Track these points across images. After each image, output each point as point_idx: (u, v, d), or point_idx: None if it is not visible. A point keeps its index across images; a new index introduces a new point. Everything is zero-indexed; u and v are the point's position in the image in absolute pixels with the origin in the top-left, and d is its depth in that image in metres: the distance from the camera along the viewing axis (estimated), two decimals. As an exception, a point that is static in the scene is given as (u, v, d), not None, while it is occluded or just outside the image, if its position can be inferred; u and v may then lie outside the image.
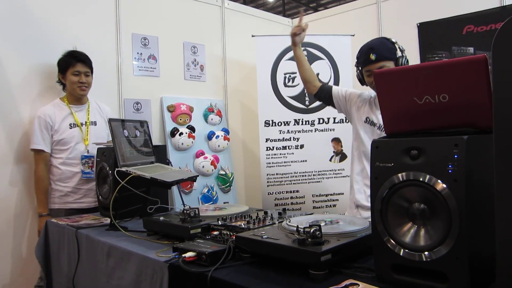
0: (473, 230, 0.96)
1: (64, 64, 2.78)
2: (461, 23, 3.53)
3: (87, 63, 2.81)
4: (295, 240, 1.23)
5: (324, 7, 12.99)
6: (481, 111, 1.03)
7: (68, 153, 2.74)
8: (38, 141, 2.70)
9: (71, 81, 2.76)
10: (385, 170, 1.09)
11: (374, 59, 2.09)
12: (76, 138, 2.76)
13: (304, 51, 3.79)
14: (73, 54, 2.81)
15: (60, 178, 2.75)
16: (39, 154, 2.73)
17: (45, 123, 2.70)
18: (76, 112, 2.82)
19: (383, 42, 2.15)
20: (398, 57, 2.09)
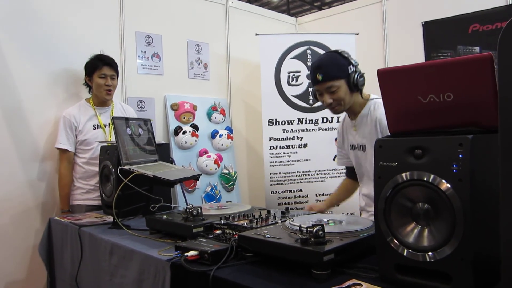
0: (478, 230, 0.95)
1: (91, 67, 2.84)
2: (467, 22, 3.50)
3: (113, 66, 2.88)
4: (298, 240, 1.23)
5: (328, 5, 12.94)
6: (486, 110, 1.02)
7: (91, 153, 2.81)
8: (62, 141, 2.79)
9: (98, 84, 2.83)
10: (388, 170, 1.08)
11: (321, 79, 1.94)
12: (99, 139, 2.81)
13: (308, 49, 3.79)
14: (100, 57, 2.87)
15: (83, 176, 2.84)
16: (64, 153, 2.82)
17: (70, 123, 2.79)
18: (100, 114, 2.89)
19: (333, 58, 1.97)
20: (350, 73, 1.93)
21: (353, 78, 1.94)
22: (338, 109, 2.02)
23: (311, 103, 3.79)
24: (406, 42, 3.87)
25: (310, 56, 3.80)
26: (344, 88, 1.95)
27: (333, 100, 1.97)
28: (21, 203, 2.83)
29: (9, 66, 2.78)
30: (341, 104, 1.98)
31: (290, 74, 3.79)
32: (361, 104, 2.06)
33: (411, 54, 3.79)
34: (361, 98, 2.06)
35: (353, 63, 1.96)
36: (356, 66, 1.98)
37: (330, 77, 1.93)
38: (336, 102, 1.97)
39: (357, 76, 1.95)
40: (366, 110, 2.04)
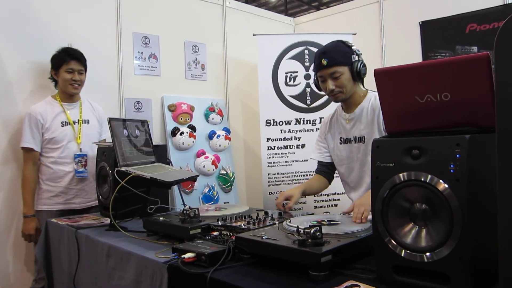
0: (476, 230, 0.95)
1: (57, 61, 2.70)
2: (464, 21, 3.50)
3: (81, 60, 2.74)
4: (295, 241, 1.22)
5: (326, 5, 12.95)
6: (483, 110, 1.01)
7: (60, 152, 2.66)
8: (28, 140, 2.61)
9: (64, 79, 2.69)
10: (386, 170, 1.07)
11: (326, 64, 1.96)
12: (68, 137, 2.68)
13: (305, 50, 3.79)
14: (67, 51, 2.73)
15: (51, 177, 2.67)
16: (29, 152, 2.64)
17: (36, 121, 2.62)
18: (68, 110, 2.74)
19: (338, 46, 2.02)
20: (353, 62, 1.97)
21: (356, 66, 1.97)
22: (340, 96, 2.03)
23: (308, 103, 3.78)
24: (404, 42, 3.87)
25: (308, 56, 3.79)
26: (347, 75, 1.98)
27: (335, 87, 1.99)
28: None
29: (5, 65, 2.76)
30: (343, 91, 2.00)
31: (288, 75, 3.78)
32: (361, 95, 2.07)
33: (408, 54, 3.79)
34: (363, 89, 2.08)
35: (356, 52, 2.00)
36: (359, 55, 2.01)
37: (335, 62, 1.96)
38: (338, 88, 1.99)
39: (360, 65, 1.98)
40: (367, 102, 2.04)
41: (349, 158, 2.12)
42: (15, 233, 2.76)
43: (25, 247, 2.79)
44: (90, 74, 2.93)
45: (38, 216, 2.64)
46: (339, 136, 2.16)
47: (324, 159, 2.27)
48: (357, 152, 2.08)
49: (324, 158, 2.27)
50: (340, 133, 2.16)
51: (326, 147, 2.25)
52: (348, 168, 2.15)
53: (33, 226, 2.60)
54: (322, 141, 2.28)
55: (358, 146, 2.07)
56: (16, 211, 2.75)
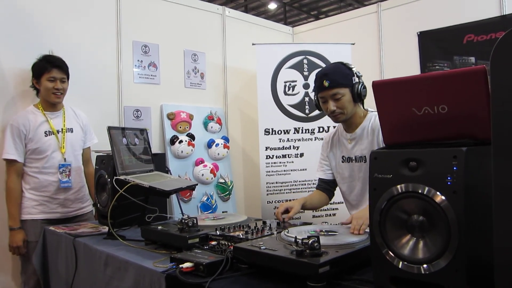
0: (473, 242, 0.95)
1: (39, 69, 2.63)
2: (462, 32, 3.53)
3: (63, 68, 2.67)
4: (293, 251, 1.23)
5: (325, 14, 13.04)
6: (480, 122, 1.02)
7: (44, 162, 2.60)
8: (10, 151, 2.54)
9: (46, 87, 2.61)
10: (383, 182, 1.08)
11: (327, 86, 2.00)
12: (52, 147, 2.62)
13: (304, 59, 3.81)
14: (48, 59, 2.67)
15: (35, 187, 2.61)
16: (11, 164, 2.57)
17: (18, 131, 2.55)
18: (51, 119, 2.66)
19: (339, 68, 2.06)
20: (354, 83, 2.01)
21: (357, 88, 2.01)
22: (340, 117, 2.06)
23: (307, 112, 3.80)
24: (402, 52, 3.90)
25: (307, 65, 3.81)
26: (348, 96, 2.01)
27: (336, 108, 2.02)
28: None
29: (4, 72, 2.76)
30: (343, 112, 2.03)
31: (287, 84, 3.80)
32: (361, 116, 2.10)
33: (406, 64, 3.81)
34: (363, 110, 2.11)
35: (357, 74, 2.03)
36: (359, 77, 2.04)
37: (336, 84, 2.00)
38: (339, 110, 2.03)
39: (360, 87, 2.01)
40: (367, 122, 2.08)
41: (351, 176, 2.16)
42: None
43: (11, 259, 2.72)
44: (90, 82, 2.94)
45: (23, 226, 2.58)
46: (341, 155, 2.20)
47: (326, 177, 2.31)
48: (358, 171, 2.11)
49: (326, 176, 2.31)
50: (341, 152, 2.20)
51: (328, 165, 2.29)
52: (349, 187, 2.19)
53: (20, 238, 2.54)
54: (324, 159, 2.32)
55: (359, 165, 2.10)
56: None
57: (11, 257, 2.71)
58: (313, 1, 12.55)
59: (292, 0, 12.37)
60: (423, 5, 3.79)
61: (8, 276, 2.77)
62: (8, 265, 2.75)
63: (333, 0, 12.34)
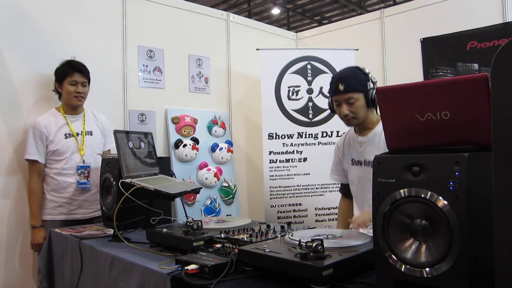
0: (475, 246, 0.97)
1: (61, 73, 2.75)
2: (465, 39, 3.55)
3: (84, 73, 2.79)
4: (297, 254, 1.24)
5: (328, 20, 13.07)
6: (482, 128, 1.04)
7: (63, 164, 2.70)
8: (32, 152, 2.66)
9: (68, 91, 2.73)
10: (387, 186, 1.10)
11: (343, 90, 2.03)
12: (71, 148, 2.72)
13: (308, 64, 3.83)
14: (70, 63, 2.79)
15: (55, 188, 2.71)
16: (33, 164, 2.69)
17: (40, 133, 2.66)
18: (71, 122, 2.78)
19: (355, 73, 2.08)
20: (368, 89, 2.04)
21: (371, 94, 2.04)
22: (353, 121, 2.10)
23: (310, 117, 3.82)
24: (405, 58, 3.92)
25: (310, 71, 3.84)
26: (361, 101, 2.04)
27: (349, 112, 2.05)
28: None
29: (11, 76, 2.80)
30: (356, 117, 2.06)
31: (290, 89, 3.82)
32: (374, 121, 2.12)
33: (409, 70, 3.83)
34: (376, 115, 2.13)
35: (372, 80, 2.06)
36: (374, 83, 2.07)
37: (351, 89, 2.03)
38: (352, 114, 2.06)
39: (374, 93, 2.03)
40: (379, 128, 2.07)
41: (360, 179, 2.17)
42: (22, 242, 2.80)
43: (32, 257, 2.82)
44: (96, 86, 2.97)
45: (43, 226, 2.69)
46: (351, 158, 2.22)
47: (344, 181, 2.35)
48: (368, 174, 2.10)
49: (344, 181, 2.35)
50: (352, 155, 2.22)
51: (344, 169, 2.32)
52: (357, 189, 2.20)
53: (42, 236, 2.64)
54: (338, 163, 2.35)
55: (369, 169, 2.10)
56: (23, 220, 2.79)
57: (32, 256, 2.80)
58: (316, 7, 12.59)
59: (295, 6, 12.41)
60: (426, 11, 3.82)
61: (30, 273, 2.85)
62: (29, 263, 2.84)
63: (336, 6, 12.38)
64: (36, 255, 2.72)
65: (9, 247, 2.76)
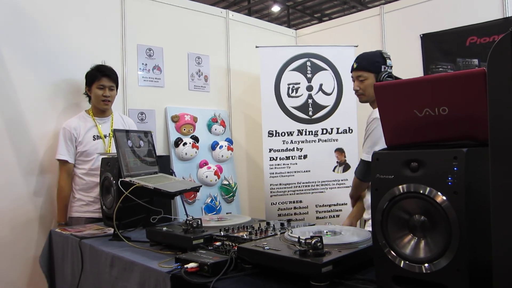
0: (473, 242, 0.97)
1: (90, 78, 2.87)
2: (465, 34, 3.54)
3: (112, 77, 2.89)
4: (297, 251, 1.24)
5: (328, 17, 13.05)
6: (480, 124, 1.03)
7: (91, 164, 2.81)
8: (62, 152, 2.78)
9: (96, 95, 2.85)
10: (385, 182, 1.09)
11: (355, 67, 2.29)
12: (99, 150, 2.82)
13: (307, 61, 3.83)
14: (99, 68, 2.89)
15: (83, 188, 2.82)
16: (63, 164, 2.81)
17: (70, 134, 2.78)
18: (100, 124, 2.90)
19: (372, 54, 2.30)
20: (382, 71, 2.23)
21: (382, 76, 2.22)
22: (361, 98, 2.32)
23: (310, 114, 3.82)
24: (405, 54, 3.91)
25: (310, 68, 3.83)
26: (371, 81, 2.24)
27: (359, 88, 2.28)
28: (21, 214, 2.82)
29: (11, 77, 2.80)
30: (364, 94, 2.28)
31: (290, 86, 3.82)
32: None
33: (409, 66, 3.82)
34: None
35: (387, 64, 2.25)
36: (389, 67, 2.26)
37: (362, 67, 2.27)
38: (361, 90, 2.28)
39: (385, 76, 2.22)
40: None
41: None
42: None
43: None
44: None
45: (69, 222, 2.80)
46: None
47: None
48: None
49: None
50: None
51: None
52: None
53: None
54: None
55: None
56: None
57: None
58: (316, 4, 12.58)
59: (295, 3, 12.39)
60: (426, 7, 3.81)
61: None
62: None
63: (336, 3, 12.36)
64: None
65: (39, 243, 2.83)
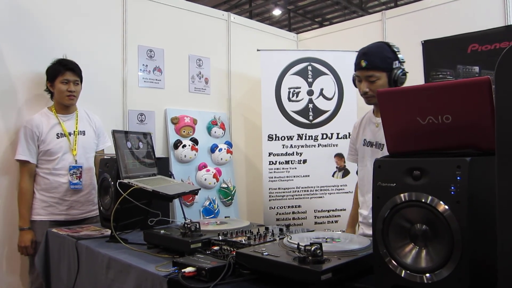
0: (476, 252, 0.96)
1: (53, 72, 2.70)
2: (466, 41, 3.54)
3: (76, 71, 2.74)
4: (296, 258, 1.23)
5: (329, 22, 13.07)
6: (484, 132, 1.02)
7: (55, 164, 2.65)
8: (23, 152, 2.61)
9: (60, 90, 2.68)
10: (387, 190, 1.08)
11: (364, 66, 1.93)
12: (63, 148, 2.67)
13: (308, 66, 3.82)
14: (62, 62, 2.74)
15: (46, 188, 2.66)
16: (24, 165, 2.64)
17: (32, 133, 2.62)
18: (64, 122, 2.73)
19: (381, 48, 1.97)
20: (393, 68, 1.92)
21: (395, 74, 1.92)
22: (372, 100, 2.00)
23: (311, 119, 3.81)
24: (406, 60, 3.88)
25: (311, 72, 3.83)
26: (383, 81, 1.94)
27: (369, 90, 1.95)
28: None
29: (10, 76, 2.78)
30: (374, 96, 1.94)
31: (291, 90, 3.81)
32: None
33: (410, 73, 3.76)
34: None
35: (399, 59, 1.95)
36: (402, 62, 1.96)
37: (373, 66, 1.92)
38: (371, 92, 1.95)
39: (399, 73, 1.92)
40: None
41: (367, 161, 2.09)
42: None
43: (20, 259, 2.75)
44: (95, 85, 2.97)
45: (32, 227, 2.63)
46: (364, 138, 2.14)
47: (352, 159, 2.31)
48: (375, 156, 2.01)
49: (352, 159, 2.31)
50: (365, 135, 2.14)
51: (356, 148, 2.24)
52: (362, 171, 2.14)
53: (29, 238, 2.59)
54: (353, 142, 2.27)
55: (379, 152, 2.02)
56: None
57: (20, 257, 2.74)
58: (317, 8, 12.59)
59: (297, 7, 12.41)
60: (428, 14, 3.81)
61: (17, 276, 2.80)
62: (17, 265, 2.79)
63: (337, 8, 12.38)
64: (25, 258, 2.68)
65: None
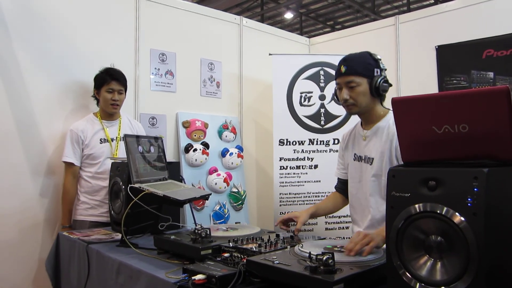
0: (493, 265, 0.93)
1: (99, 81, 2.85)
2: (481, 47, 3.49)
3: (121, 81, 2.88)
4: (307, 267, 1.21)
5: (341, 25, 13.03)
6: (502, 142, 1.00)
7: (97, 168, 2.80)
8: (69, 154, 2.78)
9: (105, 98, 2.84)
10: (401, 200, 1.06)
11: (344, 72, 1.87)
12: (105, 153, 2.81)
13: (321, 70, 3.80)
14: (108, 71, 2.88)
15: (88, 191, 2.80)
16: (69, 166, 2.80)
17: (77, 137, 2.78)
18: (107, 128, 2.88)
19: (362, 56, 1.92)
20: (375, 76, 1.87)
21: (376, 81, 1.87)
22: (353, 109, 1.93)
23: (322, 124, 3.78)
24: (419, 66, 3.87)
25: (323, 77, 3.80)
26: (364, 87, 1.88)
27: (349, 97, 1.89)
28: (28, 216, 2.80)
29: (24, 79, 2.81)
30: (356, 104, 1.89)
31: (303, 95, 3.79)
32: (380, 114, 1.96)
33: (424, 78, 3.78)
34: (382, 107, 1.97)
35: (381, 68, 1.90)
36: (383, 70, 1.92)
37: (353, 72, 1.87)
38: (352, 100, 1.89)
39: (380, 80, 1.87)
40: (385, 123, 1.92)
41: (357, 176, 2.04)
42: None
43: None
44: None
45: (73, 225, 2.79)
46: (353, 152, 2.08)
47: (341, 176, 2.22)
48: (365, 172, 1.98)
49: (341, 175, 2.22)
50: (354, 149, 2.08)
51: (344, 163, 2.19)
52: (352, 187, 2.08)
53: None
54: (340, 157, 2.23)
55: (368, 167, 1.96)
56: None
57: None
58: (329, 12, 12.56)
59: (308, 10, 12.39)
60: (442, 19, 3.76)
61: None
62: None
63: (349, 11, 12.34)
64: None
65: (43, 245, 2.83)
